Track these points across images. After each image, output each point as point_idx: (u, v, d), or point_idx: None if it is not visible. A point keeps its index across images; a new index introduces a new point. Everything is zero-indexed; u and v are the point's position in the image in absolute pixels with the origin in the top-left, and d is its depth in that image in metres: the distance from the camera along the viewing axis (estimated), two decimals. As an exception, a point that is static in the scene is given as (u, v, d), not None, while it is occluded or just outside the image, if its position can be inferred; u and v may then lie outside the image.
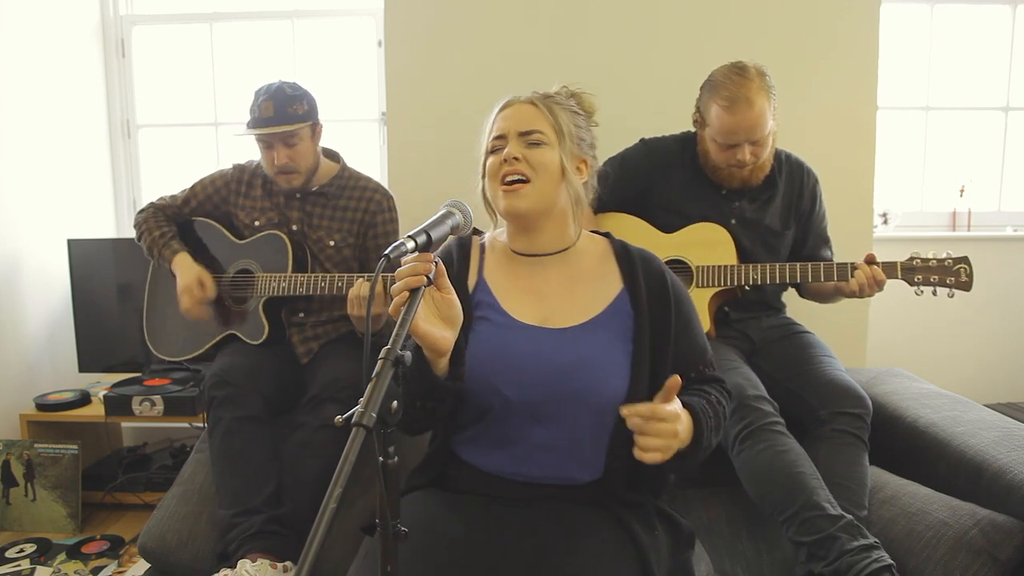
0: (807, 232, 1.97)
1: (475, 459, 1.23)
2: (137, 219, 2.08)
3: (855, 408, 1.67)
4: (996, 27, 2.96)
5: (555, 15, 2.40)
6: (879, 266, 1.76)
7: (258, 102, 1.90)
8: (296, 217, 2.02)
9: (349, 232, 2.02)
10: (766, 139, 1.79)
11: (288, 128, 1.88)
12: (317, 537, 0.70)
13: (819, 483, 1.51)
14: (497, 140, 1.23)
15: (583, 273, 1.27)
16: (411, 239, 0.97)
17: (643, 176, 1.97)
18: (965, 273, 1.73)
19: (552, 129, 1.22)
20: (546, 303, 1.24)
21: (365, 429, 0.77)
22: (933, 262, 1.75)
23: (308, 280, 1.92)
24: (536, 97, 1.25)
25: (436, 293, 1.05)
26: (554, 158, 1.21)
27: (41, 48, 2.77)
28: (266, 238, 2.01)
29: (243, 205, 2.05)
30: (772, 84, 1.77)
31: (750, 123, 1.74)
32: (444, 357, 1.08)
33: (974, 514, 1.41)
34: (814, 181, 1.97)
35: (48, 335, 2.82)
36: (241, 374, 1.84)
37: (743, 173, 1.83)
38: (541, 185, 1.20)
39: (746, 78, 1.74)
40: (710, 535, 1.65)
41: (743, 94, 1.72)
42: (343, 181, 2.06)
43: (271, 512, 1.69)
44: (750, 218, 1.91)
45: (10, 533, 2.48)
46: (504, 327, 1.21)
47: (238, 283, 2.02)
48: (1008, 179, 3.02)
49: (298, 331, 2.02)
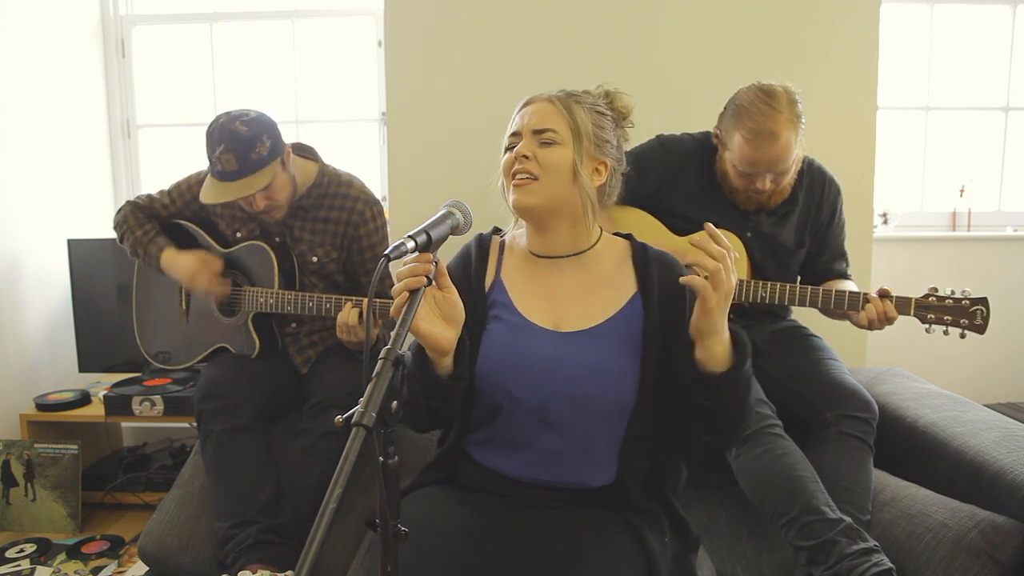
0: (823, 245, 1.91)
1: (487, 460, 1.22)
2: (116, 219, 1.99)
3: (861, 412, 1.66)
4: (996, 27, 2.96)
5: (555, 15, 2.40)
6: (892, 300, 1.69)
7: (215, 154, 1.71)
8: (276, 230, 1.93)
9: (332, 246, 1.91)
10: (789, 169, 1.72)
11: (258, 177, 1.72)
12: (317, 537, 0.70)
13: (818, 486, 1.51)
14: (513, 137, 1.23)
15: (599, 277, 1.26)
16: (411, 239, 0.97)
17: (656, 176, 1.90)
18: (981, 316, 1.65)
19: (568, 128, 1.20)
20: (560, 306, 1.23)
21: (365, 429, 0.77)
22: (949, 302, 1.67)
23: (296, 299, 1.84)
24: (557, 95, 1.24)
25: (437, 292, 1.05)
26: (565, 158, 1.20)
27: (41, 48, 2.77)
28: (250, 248, 1.92)
29: (223, 215, 1.95)
30: (801, 112, 1.67)
31: (774, 156, 1.66)
32: (447, 356, 1.08)
33: (974, 516, 1.41)
34: (835, 192, 1.89)
35: (48, 335, 2.82)
36: (229, 385, 1.81)
37: (761, 199, 1.78)
38: (548, 183, 1.19)
39: (774, 109, 1.63)
40: (710, 535, 1.64)
41: (769, 127, 1.63)
42: (322, 189, 1.91)
43: (267, 522, 1.68)
44: (767, 233, 1.85)
45: (10, 533, 2.48)
46: (516, 328, 1.21)
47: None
48: (1008, 179, 3.02)
49: (293, 341, 1.96)
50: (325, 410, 1.77)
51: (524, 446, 1.18)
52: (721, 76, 2.34)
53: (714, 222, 1.82)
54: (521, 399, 1.16)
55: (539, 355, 1.18)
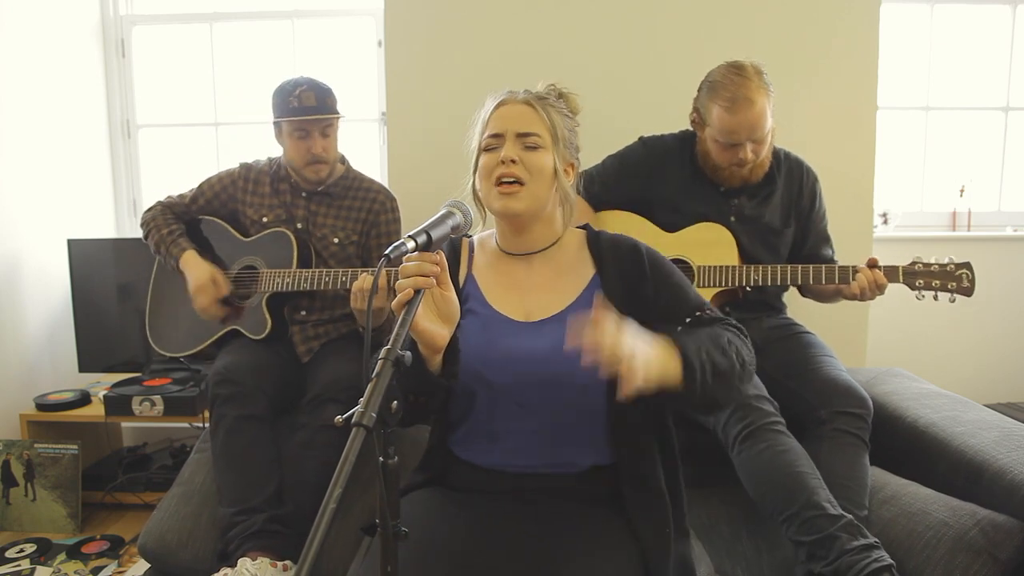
0: (807, 231, 1.97)
1: (471, 456, 1.24)
2: (144, 217, 2.10)
3: (856, 408, 1.67)
4: (996, 27, 2.96)
5: (555, 14, 2.40)
6: (881, 270, 1.77)
7: (296, 92, 1.94)
8: (301, 215, 2.05)
9: (353, 231, 2.05)
10: (766, 136, 1.80)
11: (331, 117, 1.97)
12: (317, 536, 0.70)
13: (819, 483, 1.51)
14: (493, 139, 1.23)
15: (563, 266, 1.29)
16: (411, 239, 0.97)
17: (643, 175, 1.97)
18: (967, 278, 1.73)
19: (548, 132, 1.23)
20: (529, 297, 1.26)
21: (365, 429, 0.77)
22: (935, 267, 1.75)
23: (312, 275, 1.92)
24: (532, 98, 1.25)
25: (437, 290, 1.05)
26: (549, 162, 1.22)
27: (41, 48, 2.77)
28: (272, 236, 2.03)
29: (251, 202, 2.07)
30: (769, 81, 1.78)
31: (751, 122, 1.75)
32: (439, 354, 1.09)
33: (974, 514, 1.41)
34: (813, 179, 1.97)
35: (48, 335, 2.82)
36: (246, 372, 1.84)
37: (744, 172, 1.84)
38: (535, 188, 1.21)
39: (745, 77, 1.74)
40: (710, 535, 1.65)
41: (743, 94, 1.73)
42: (348, 182, 2.09)
43: (272, 511, 1.70)
44: (749, 215, 1.91)
45: (10, 533, 2.48)
46: (489, 321, 1.24)
47: (242, 279, 2.03)
48: (1008, 179, 3.02)
49: (300, 329, 2.02)
50: (323, 404, 1.79)
51: (504, 433, 1.20)
52: (721, 76, 2.35)
53: (698, 210, 1.91)
54: (495, 384, 1.18)
55: (511, 344, 1.20)
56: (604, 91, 2.39)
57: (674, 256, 1.90)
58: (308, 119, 1.93)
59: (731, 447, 1.63)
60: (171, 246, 2.03)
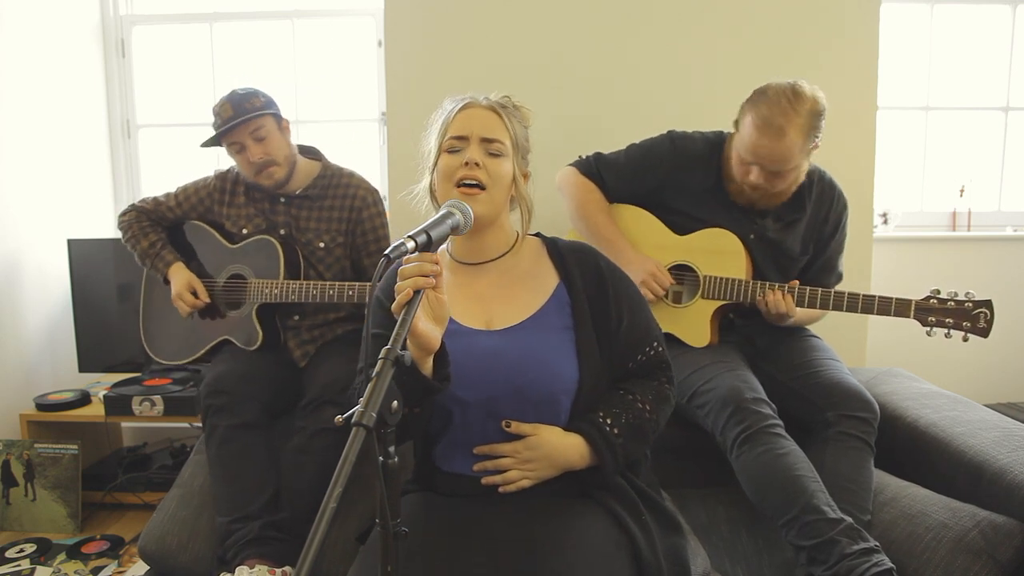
0: (818, 255, 1.91)
1: (454, 467, 1.24)
2: (120, 223, 2.08)
3: (862, 412, 1.66)
4: (996, 27, 2.96)
5: (555, 15, 2.39)
6: (792, 294, 1.74)
7: (217, 111, 1.89)
8: (282, 221, 2.01)
9: (338, 232, 2.01)
10: (786, 174, 1.72)
11: (251, 118, 1.86)
12: (317, 536, 0.70)
13: (819, 486, 1.50)
14: (457, 140, 1.23)
15: (521, 274, 1.29)
16: (411, 239, 0.97)
17: (663, 172, 1.90)
18: (984, 319, 1.61)
19: (510, 140, 1.25)
20: (488, 306, 1.26)
21: (365, 429, 0.77)
22: (951, 304, 1.63)
23: (300, 287, 1.91)
24: (497, 105, 1.26)
25: (431, 292, 1.05)
26: (509, 169, 1.24)
27: (41, 48, 2.77)
28: (257, 243, 1.99)
29: (228, 215, 2.04)
30: (820, 124, 1.68)
31: (773, 151, 1.67)
32: (430, 356, 1.08)
33: (974, 515, 1.41)
34: (843, 207, 1.89)
35: (48, 335, 2.82)
36: (236, 381, 1.83)
37: (751, 194, 1.79)
38: (495, 194, 1.22)
39: (793, 108, 1.64)
40: (710, 535, 1.64)
41: (780, 122, 1.64)
42: (326, 180, 2.03)
43: (268, 518, 1.69)
44: (772, 238, 1.85)
45: (10, 533, 2.48)
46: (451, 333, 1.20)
47: (231, 288, 2.02)
48: (1008, 179, 3.02)
49: (294, 334, 2.00)
50: (320, 407, 1.79)
51: (482, 443, 1.20)
52: (720, 75, 2.36)
53: (719, 223, 1.85)
54: (467, 399, 1.18)
55: (478, 354, 1.20)
56: (604, 90, 2.39)
57: (680, 261, 1.88)
58: (228, 129, 1.86)
59: (730, 451, 1.62)
60: (156, 260, 2.04)
